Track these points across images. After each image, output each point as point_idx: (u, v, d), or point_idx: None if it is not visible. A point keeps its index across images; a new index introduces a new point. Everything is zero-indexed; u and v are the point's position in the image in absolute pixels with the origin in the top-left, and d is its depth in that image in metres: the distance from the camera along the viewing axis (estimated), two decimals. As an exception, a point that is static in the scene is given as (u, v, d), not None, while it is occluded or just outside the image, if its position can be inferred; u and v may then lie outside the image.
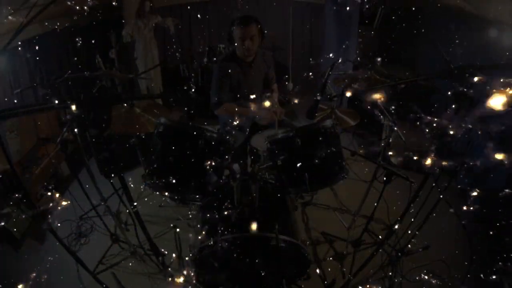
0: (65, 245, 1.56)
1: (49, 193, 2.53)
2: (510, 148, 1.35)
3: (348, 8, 3.48)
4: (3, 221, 2.17)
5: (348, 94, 2.15)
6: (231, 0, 4.35)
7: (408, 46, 3.42)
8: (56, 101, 1.28)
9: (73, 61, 3.45)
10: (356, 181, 2.71)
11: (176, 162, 1.55)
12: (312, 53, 4.86)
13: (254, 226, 1.46)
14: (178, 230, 2.17)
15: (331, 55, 3.93)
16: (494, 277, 1.85)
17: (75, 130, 1.79)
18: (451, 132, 1.35)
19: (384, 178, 1.70)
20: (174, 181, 1.55)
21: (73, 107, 1.22)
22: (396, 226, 1.73)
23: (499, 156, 1.39)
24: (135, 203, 1.69)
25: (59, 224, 2.36)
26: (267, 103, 1.96)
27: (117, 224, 2.16)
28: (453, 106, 1.33)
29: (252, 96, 2.44)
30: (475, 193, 1.75)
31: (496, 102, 1.08)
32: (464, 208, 1.79)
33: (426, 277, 1.98)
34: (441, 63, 1.33)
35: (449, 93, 1.36)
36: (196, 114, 4.15)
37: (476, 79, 1.19)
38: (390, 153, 1.95)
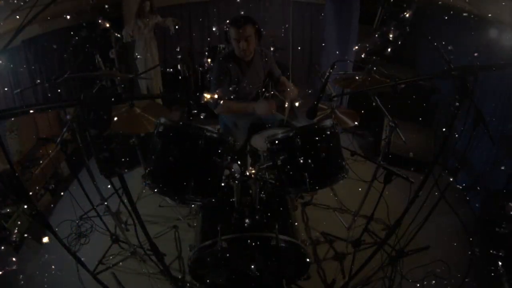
0: (65, 245, 1.55)
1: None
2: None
3: (348, 8, 3.47)
4: (3, 221, 2.17)
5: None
6: (231, 0, 4.35)
7: (408, 46, 3.41)
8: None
9: (73, 61, 3.45)
10: (356, 181, 2.71)
11: (176, 162, 1.54)
12: (312, 53, 4.86)
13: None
14: (178, 230, 2.17)
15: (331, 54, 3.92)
16: (494, 277, 1.85)
17: (75, 130, 1.79)
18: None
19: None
20: (173, 181, 1.55)
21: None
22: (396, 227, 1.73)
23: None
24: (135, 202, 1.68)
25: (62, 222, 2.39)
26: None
27: (117, 224, 2.16)
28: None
29: (252, 94, 2.45)
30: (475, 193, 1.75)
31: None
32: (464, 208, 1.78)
33: (426, 277, 1.98)
34: (441, 63, 1.33)
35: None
36: (196, 114, 4.14)
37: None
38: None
